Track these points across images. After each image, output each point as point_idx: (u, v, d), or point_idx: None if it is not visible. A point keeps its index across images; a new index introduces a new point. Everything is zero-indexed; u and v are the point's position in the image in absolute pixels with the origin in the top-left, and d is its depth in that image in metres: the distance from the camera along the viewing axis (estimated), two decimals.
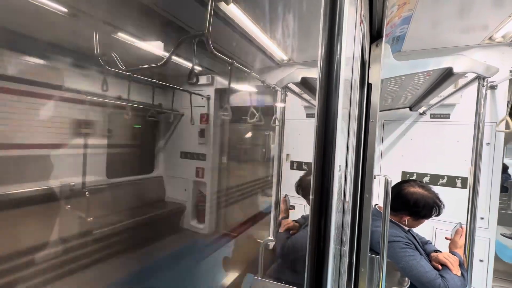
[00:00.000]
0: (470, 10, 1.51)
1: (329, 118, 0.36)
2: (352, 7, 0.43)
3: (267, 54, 2.34)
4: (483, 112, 1.21)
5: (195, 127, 3.30)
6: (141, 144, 3.49)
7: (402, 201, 1.28)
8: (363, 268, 1.01)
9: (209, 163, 3.27)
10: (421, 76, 1.18)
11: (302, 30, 1.87)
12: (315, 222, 0.37)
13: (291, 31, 1.90)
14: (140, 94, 3.11)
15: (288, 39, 2.04)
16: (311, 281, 0.36)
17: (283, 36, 2.00)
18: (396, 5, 1.32)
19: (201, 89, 3.24)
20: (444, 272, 1.14)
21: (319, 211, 0.37)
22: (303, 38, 2.02)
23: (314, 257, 0.36)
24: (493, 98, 1.88)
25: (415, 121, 2.15)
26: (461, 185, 1.99)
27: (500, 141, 1.87)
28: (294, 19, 1.70)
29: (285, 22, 1.76)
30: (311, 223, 0.37)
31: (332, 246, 0.37)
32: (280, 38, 2.04)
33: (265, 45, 2.14)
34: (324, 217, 0.37)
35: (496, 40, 1.83)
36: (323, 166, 0.37)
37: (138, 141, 3.46)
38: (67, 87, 2.33)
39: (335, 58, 0.36)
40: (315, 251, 0.36)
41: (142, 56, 2.28)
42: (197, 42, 1.31)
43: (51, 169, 2.23)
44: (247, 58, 2.47)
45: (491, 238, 1.88)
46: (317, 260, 0.36)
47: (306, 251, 0.37)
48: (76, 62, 2.37)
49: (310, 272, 0.37)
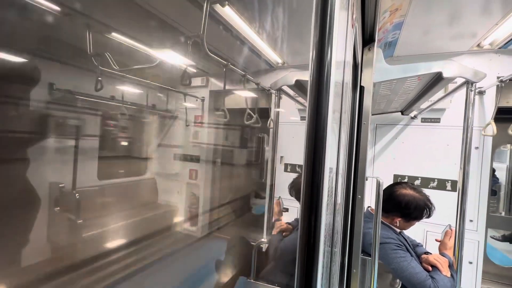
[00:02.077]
0: (460, 18, 1.55)
1: (320, 121, 0.37)
2: (343, 11, 0.44)
3: (262, 57, 2.36)
4: (471, 117, 1.24)
5: (189, 129, 3.29)
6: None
7: (393, 203, 1.30)
8: (355, 270, 1.02)
9: (202, 165, 3.25)
10: (412, 80, 1.21)
11: (297, 34, 1.89)
12: (305, 224, 0.37)
13: (285, 35, 1.92)
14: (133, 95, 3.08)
15: (283, 42, 2.06)
16: (300, 282, 0.37)
17: (277, 39, 2.01)
18: (388, 11, 1.35)
19: (196, 90, 3.23)
20: (434, 273, 1.16)
21: (309, 212, 0.37)
22: (297, 41, 2.04)
23: (304, 258, 0.37)
24: (481, 104, 1.93)
25: (406, 125, 2.19)
26: (451, 188, 2.03)
27: (488, 145, 1.92)
28: (289, 23, 1.72)
29: (280, 25, 1.77)
30: (301, 224, 0.38)
31: (321, 247, 0.37)
32: (275, 41, 2.06)
33: (260, 47, 2.15)
34: (314, 219, 0.37)
35: (484, 47, 1.88)
36: (313, 168, 0.37)
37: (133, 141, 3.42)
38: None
39: (325, 61, 0.36)
40: (304, 253, 0.37)
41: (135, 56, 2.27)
42: (191, 44, 1.32)
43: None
44: (242, 60, 2.48)
45: (480, 240, 1.92)
46: (307, 262, 0.37)
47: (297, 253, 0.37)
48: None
49: (300, 273, 0.37)
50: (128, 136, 3.23)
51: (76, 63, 2.23)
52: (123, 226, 2.84)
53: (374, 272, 1.01)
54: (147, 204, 3.42)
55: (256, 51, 2.21)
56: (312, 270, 0.36)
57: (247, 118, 2.01)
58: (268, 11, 1.61)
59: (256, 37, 1.96)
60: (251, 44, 2.08)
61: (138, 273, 2.40)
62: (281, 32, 1.88)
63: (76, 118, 2.42)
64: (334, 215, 0.54)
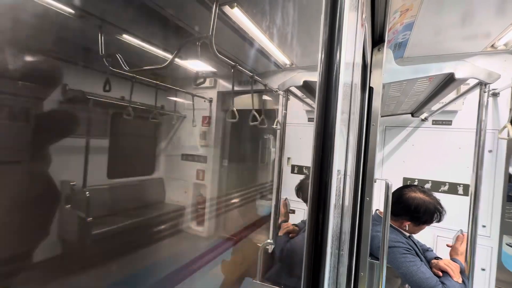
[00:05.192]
0: (473, 18, 1.52)
1: (328, 122, 0.37)
2: (353, 11, 0.44)
3: (270, 58, 2.36)
4: (484, 119, 1.20)
5: (197, 129, 3.32)
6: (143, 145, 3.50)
7: (403, 206, 1.27)
8: (362, 273, 1.00)
9: (209, 165, 3.27)
10: (423, 82, 1.18)
11: (305, 35, 1.89)
12: (313, 225, 0.37)
13: (294, 35, 1.91)
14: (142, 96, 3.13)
15: (291, 43, 2.05)
16: (307, 283, 0.36)
17: (286, 40, 2.01)
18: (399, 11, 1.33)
19: (204, 91, 3.26)
20: (445, 279, 1.13)
21: (316, 214, 0.37)
22: (306, 42, 2.04)
23: (311, 259, 0.36)
24: (495, 106, 1.87)
25: (416, 127, 2.14)
26: (463, 192, 1.97)
27: (502, 149, 1.86)
28: (297, 23, 1.71)
29: (288, 27, 1.77)
30: (308, 226, 0.37)
31: (329, 249, 0.37)
32: (283, 42, 2.06)
33: (268, 48, 2.16)
34: (322, 220, 0.37)
35: (498, 48, 1.83)
36: (321, 170, 0.37)
37: (140, 141, 3.48)
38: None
39: (334, 62, 0.36)
40: (312, 254, 0.36)
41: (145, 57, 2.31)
42: (200, 45, 1.33)
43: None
44: (250, 61, 2.49)
45: (494, 246, 1.86)
46: (314, 263, 0.36)
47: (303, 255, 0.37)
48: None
49: (306, 275, 0.37)
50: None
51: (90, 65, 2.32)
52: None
53: (382, 276, 1.00)
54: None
55: (264, 52, 2.21)
56: (319, 271, 0.36)
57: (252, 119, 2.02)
58: (276, 12, 1.61)
59: (264, 38, 1.96)
60: (259, 45, 2.08)
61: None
62: (289, 33, 1.88)
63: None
64: (341, 217, 0.54)
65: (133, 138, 3.40)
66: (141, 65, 2.04)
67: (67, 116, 1.49)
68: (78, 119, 2.16)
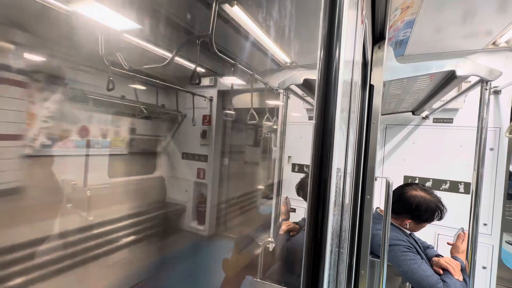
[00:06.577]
0: (474, 15, 1.51)
1: (327, 120, 0.37)
2: (353, 7, 0.43)
3: (270, 56, 2.35)
4: (486, 117, 1.20)
5: (197, 128, 3.31)
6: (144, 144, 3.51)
7: (403, 204, 1.27)
8: (363, 271, 1.00)
9: (210, 164, 3.28)
10: (424, 79, 1.18)
11: (305, 33, 1.88)
12: (312, 223, 0.37)
13: (294, 34, 1.91)
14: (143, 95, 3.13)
15: (291, 41, 2.04)
16: (307, 281, 0.36)
17: (286, 39, 2.00)
18: (399, 8, 1.32)
19: (204, 90, 3.25)
20: (446, 276, 1.13)
21: (316, 212, 0.37)
22: (306, 40, 2.03)
23: (311, 257, 0.36)
24: (496, 103, 1.87)
25: (417, 125, 2.14)
26: (464, 191, 1.97)
27: (504, 147, 1.85)
28: (297, 21, 1.71)
29: (288, 24, 1.77)
30: (308, 225, 0.37)
31: (328, 247, 0.37)
32: (283, 41, 2.05)
33: (268, 47, 2.15)
34: (321, 218, 0.37)
35: (500, 45, 1.82)
36: (320, 168, 0.37)
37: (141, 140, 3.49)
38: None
39: (333, 60, 0.36)
40: (311, 251, 0.36)
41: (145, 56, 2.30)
42: (200, 43, 1.33)
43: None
44: (250, 60, 2.48)
45: (494, 244, 1.86)
46: (313, 261, 0.36)
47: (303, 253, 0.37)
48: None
49: (306, 273, 0.37)
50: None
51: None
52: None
53: (383, 274, 1.00)
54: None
55: (264, 50, 2.21)
56: (319, 269, 0.36)
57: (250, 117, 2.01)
58: (276, 11, 1.60)
59: (264, 36, 1.95)
60: (259, 44, 2.07)
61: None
62: (289, 31, 1.87)
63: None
64: (341, 215, 0.54)
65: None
66: (141, 63, 2.04)
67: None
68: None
